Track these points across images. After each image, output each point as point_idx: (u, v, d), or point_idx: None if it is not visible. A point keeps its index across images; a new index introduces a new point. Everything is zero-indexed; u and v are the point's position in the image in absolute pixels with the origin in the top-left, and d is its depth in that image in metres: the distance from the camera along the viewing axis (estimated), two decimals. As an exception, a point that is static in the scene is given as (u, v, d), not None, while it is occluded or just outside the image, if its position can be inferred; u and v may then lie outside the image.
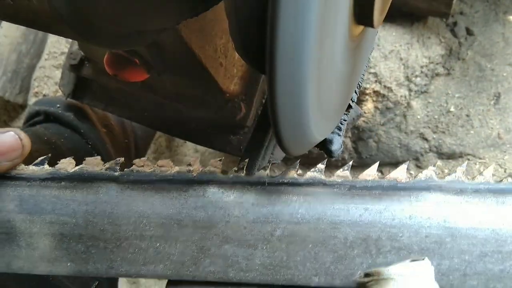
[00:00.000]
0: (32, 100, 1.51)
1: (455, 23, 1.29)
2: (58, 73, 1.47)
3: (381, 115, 1.23)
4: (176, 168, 0.51)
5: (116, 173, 0.51)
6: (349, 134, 1.26)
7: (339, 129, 0.59)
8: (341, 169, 0.50)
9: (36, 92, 1.52)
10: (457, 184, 0.48)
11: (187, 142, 1.47)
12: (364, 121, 1.22)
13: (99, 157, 0.51)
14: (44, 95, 1.51)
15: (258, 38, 0.32)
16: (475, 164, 1.23)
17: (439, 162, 1.27)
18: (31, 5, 0.39)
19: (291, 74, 0.31)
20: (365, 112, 1.21)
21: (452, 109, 1.25)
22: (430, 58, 1.22)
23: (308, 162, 1.35)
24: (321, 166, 0.50)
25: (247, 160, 0.50)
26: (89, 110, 0.91)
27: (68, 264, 0.48)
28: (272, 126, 0.34)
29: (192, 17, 0.45)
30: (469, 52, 1.27)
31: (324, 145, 0.58)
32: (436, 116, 1.25)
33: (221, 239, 0.48)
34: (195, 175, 0.50)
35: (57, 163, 0.52)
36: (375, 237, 0.47)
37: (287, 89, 0.32)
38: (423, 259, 0.43)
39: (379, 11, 0.39)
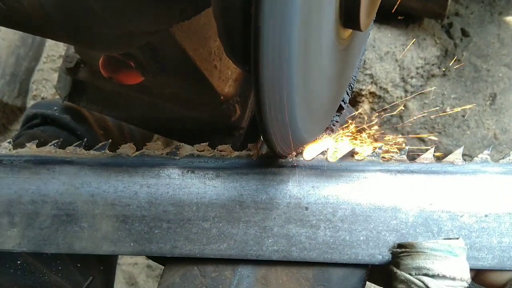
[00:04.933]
0: (30, 103, 1.52)
1: (450, 24, 1.30)
2: (56, 76, 1.48)
3: (377, 116, 1.24)
4: (236, 153, 0.52)
5: (177, 157, 0.53)
6: (346, 135, 1.27)
7: (331, 130, 0.59)
8: (398, 154, 0.52)
9: (35, 95, 1.53)
10: None
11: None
12: (360, 122, 1.23)
13: (159, 142, 0.53)
14: (43, 98, 1.52)
15: (245, 39, 0.32)
16: (472, 164, 1.24)
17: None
18: (23, 9, 0.40)
19: (276, 75, 0.32)
20: (361, 113, 1.21)
21: (448, 109, 1.26)
22: (426, 59, 1.22)
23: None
24: (378, 150, 0.52)
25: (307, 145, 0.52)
26: (86, 113, 0.91)
27: (131, 244, 0.50)
28: (259, 128, 0.35)
29: (184, 20, 0.46)
30: (465, 53, 1.28)
31: (316, 146, 0.59)
32: (432, 117, 1.26)
33: (284, 220, 0.49)
34: (255, 159, 0.51)
35: (118, 148, 0.54)
36: (435, 217, 0.49)
37: (272, 88, 0.32)
38: (457, 238, 0.44)
39: (365, 14, 0.40)
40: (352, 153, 0.52)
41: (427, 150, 0.53)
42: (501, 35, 1.30)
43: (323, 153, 0.52)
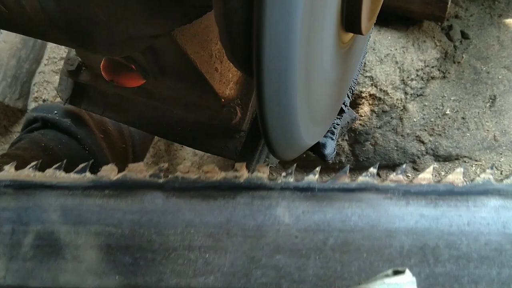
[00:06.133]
0: (32, 105, 1.52)
1: (450, 27, 1.30)
2: (57, 78, 1.48)
3: (378, 118, 1.24)
4: (222, 174, 0.50)
5: (161, 180, 0.50)
6: (346, 137, 1.27)
7: (332, 133, 0.60)
8: (394, 173, 0.49)
9: (36, 97, 1.53)
10: None
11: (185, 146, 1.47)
12: (360, 124, 1.23)
13: (141, 163, 0.50)
14: (44, 100, 1.52)
15: (247, 43, 0.33)
16: (472, 166, 1.24)
17: (435, 165, 1.27)
18: (25, 13, 0.40)
19: (278, 79, 0.32)
20: (361, 116, 1.21)
21: (448, 112, 1.26)
22: (426, 62, 1.23)
23: (305, 165, 1.36)
24: (373, 170, 0.49)
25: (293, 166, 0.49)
26: (86, 116, 0.91)
27: (117, 277, 0.47)
28: (261, 132, 0.35)
29: (186, 24, 0.46)
30: (465, 55, 1.28)
31: (318, 149, 0.59)
32: (432, 119, 1.26)
33: (272, 249, 0.46)
34: (242, 181, 0.49)
35: (99, 170, 0.51)
36: (432, 245, 0.45)
37: (274, 94, 0.32)
38: (403, 272, 0.41)
39: (367, 18, 0.40)
40: (345, 173, 0.49)
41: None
42: (501, 37, 1.31)
43: (314, 173, 0.49)
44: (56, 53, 1.54)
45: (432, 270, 0.45)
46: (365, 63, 1.17)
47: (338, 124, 0.60)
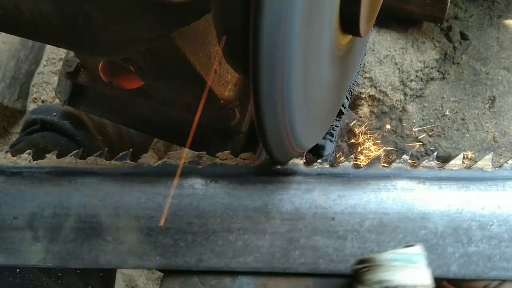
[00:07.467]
0: (31, 106, 1.52)
1: (449, 28, 1.30)
2: (56, 79, 1.47)
3: (377, 119, 1.24)
4: (259, 161, 0.52)
5: (200, 166, 0.51)
6: (345, 138, 1.27)
7: (331, 135, 0.59)
8: (426, 160, 0.51)
9: (35, 98, 1.53)
10: None
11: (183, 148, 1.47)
12: (359, 125, 1.23)
13: (181, 151, 0.52)
14: (43, 101, 1.52)
15: (244, 46, 0.33)
16: (471, 167, 1.23)
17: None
18: (23, 16, 0.40)
19: (275, 82, 0.32)
20: (360, 117, 1.21)
21: (447, 113, 1.26)
22: (425, 63, 1.23)
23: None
24: (405, 157, 0.51)
25: (333, 153, 0.52)
26: (85, 118, 0.91)
27: (157, 258, 0.48)
28: (259, 135, 0.35)
29: (184, 26, 0.46)
30: (464, 56, 1.28)
31: (316, 151, 0.59)
32: (431, 120, 1.26)
33: (310, 231, 0.48)
34: (279, 167, 0.50)
35: (139, 158, 0.53)
36: (465, 227, 0.47)
37: (271, 98, 0.32)
38: (413, 245, 0.43)
39: (365, 20, 0.40)
40: (379, 160, 0.51)
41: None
42: (500, 38, 1.31)
43: (349, 160, 0.51)
44: (55, 54, 1.54)
45: (466, 249, 0.47)
46: (364, 64, 1.17)
47: (337, 126, 0.60)
